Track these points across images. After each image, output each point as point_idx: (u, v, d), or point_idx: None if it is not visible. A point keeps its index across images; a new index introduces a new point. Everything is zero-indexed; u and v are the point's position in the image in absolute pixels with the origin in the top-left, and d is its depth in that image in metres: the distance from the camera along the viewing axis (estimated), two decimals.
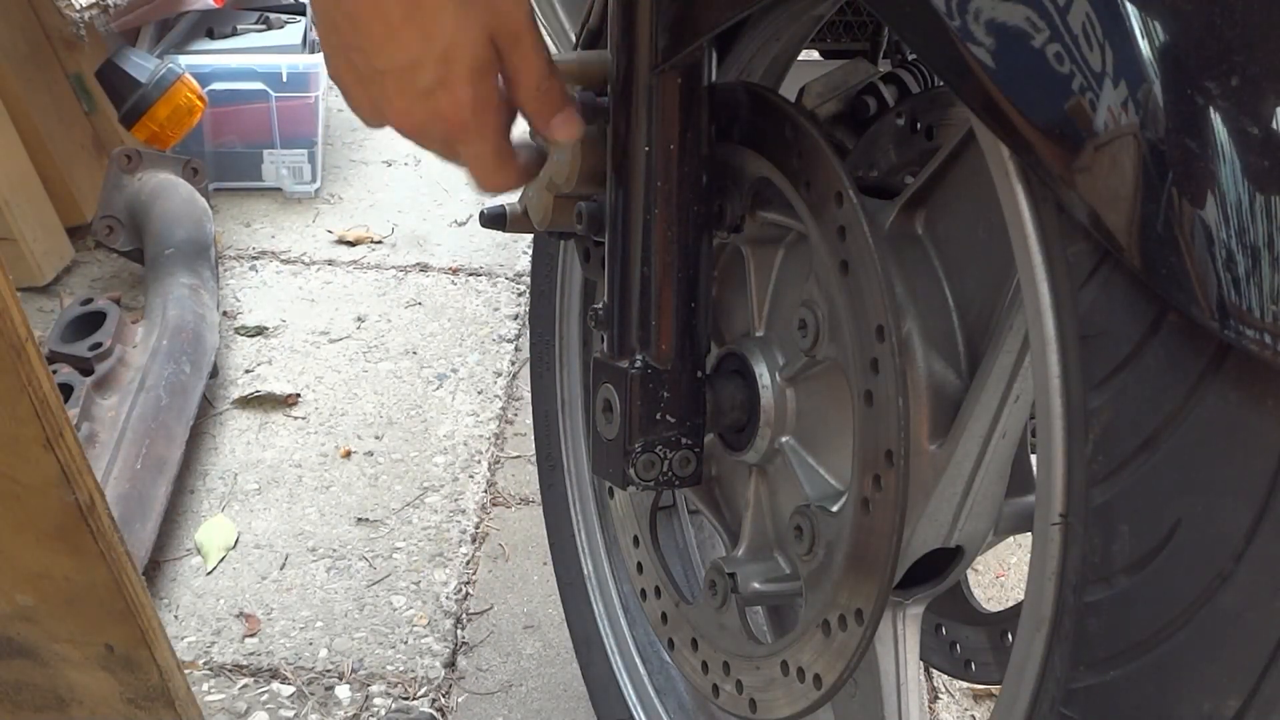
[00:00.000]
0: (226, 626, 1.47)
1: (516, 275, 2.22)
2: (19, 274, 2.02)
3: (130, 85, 2.09)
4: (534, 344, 1.30)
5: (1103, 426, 0.55)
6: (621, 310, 0.83)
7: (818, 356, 0.79)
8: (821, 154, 0.75)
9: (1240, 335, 0.50)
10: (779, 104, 0.79)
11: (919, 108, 0.83)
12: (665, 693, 1.18)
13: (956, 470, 0.75)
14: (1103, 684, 0.57)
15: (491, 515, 1.68)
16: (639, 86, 0.79)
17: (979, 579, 1.58)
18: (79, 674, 1.14)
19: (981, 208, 0.72)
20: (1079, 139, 0.52)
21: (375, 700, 1.37)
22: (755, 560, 0.90)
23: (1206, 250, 0.50)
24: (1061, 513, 0.58)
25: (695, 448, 0.84)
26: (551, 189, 0.87)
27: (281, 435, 1.81)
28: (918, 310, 0.76)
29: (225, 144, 2.40)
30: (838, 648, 0.78)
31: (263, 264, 2.23)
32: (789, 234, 0.84)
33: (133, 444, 1.56)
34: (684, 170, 0.80)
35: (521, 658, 1.45)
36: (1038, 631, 0.61)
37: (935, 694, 1.42)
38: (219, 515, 1.64)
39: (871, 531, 0.75)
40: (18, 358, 0.91)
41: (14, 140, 2.04)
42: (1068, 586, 0.58)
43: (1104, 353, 0.54)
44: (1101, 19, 0.51)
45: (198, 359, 1.77)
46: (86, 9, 2.05)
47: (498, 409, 1.88)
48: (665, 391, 0.82)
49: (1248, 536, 0.53)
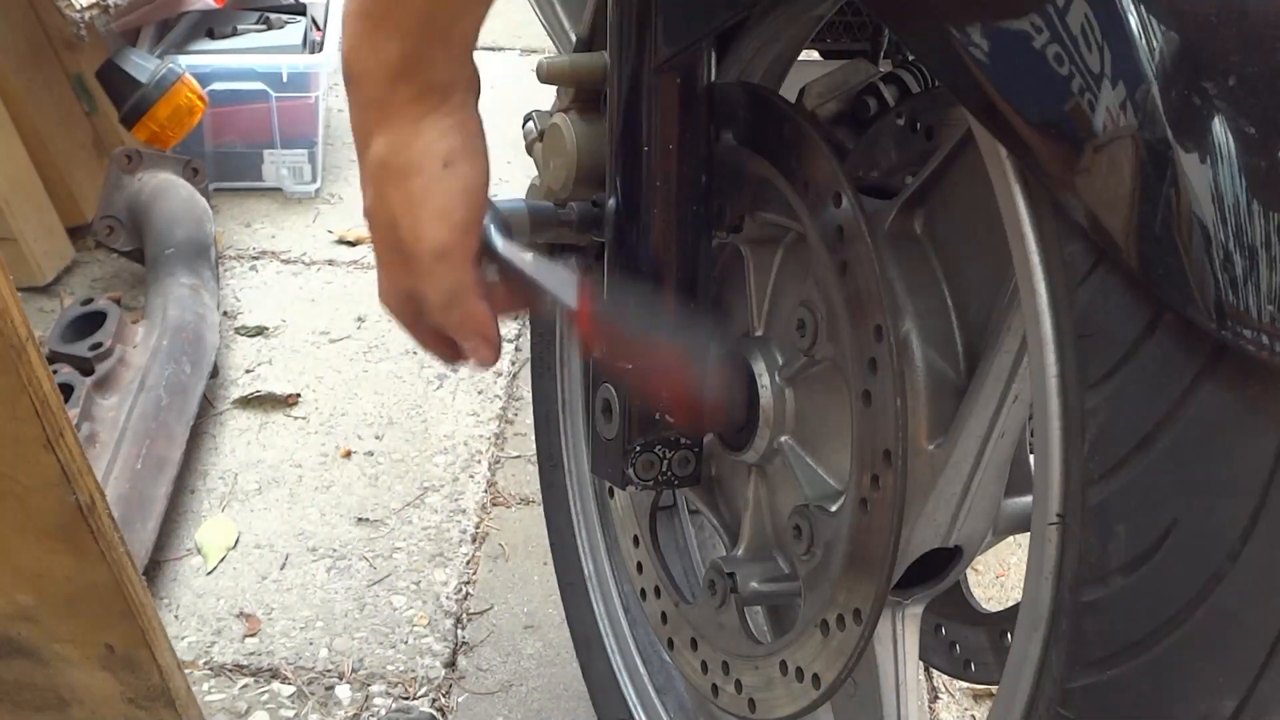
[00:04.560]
0: (227, 626, 1.47)
1: None
2: (19, 274, 2.02)
3: (130, 85, 2.09)
4: (535, 344, 1.30)
5: (1099, 426, 0.55)
6: None
7: (816, 356, 0.79)
8: (820, 154, 0.75)
9: (1237, 336, 0.50)
10: (778, 104, 0.79)
11: (919, 108, 0.83)
12: (665, 692, 1.19)
13: (955, 470, 0.75)
14: (1100, 684, 0.57)
15: (492, 515, 1.68)
16: (638, 87, 0.79)
17: (979, 579, 1.59)
18: (79, 674, 1.14)
19: (980, 208, 0.72)
20: (1078, 140, 0.52)
21: (375, 700, 1.37)
22: (754, 560, 0.90)
23: (1204, 251, 0.50)
24: (1059, 512, 0.58)
25: (694, 448, 0.84)
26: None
27: (281, 435, 1.81)
28: (916, 310, 0.76)
29: (225, 144, 2.40)
30: (836, 647, 0.78)
31: (263, 264, 2.23)
32: (788, 234, 0.84)
33: (133, 444, 1.56)
34: (683, 170, 0.80)
35: (522, 658, 1.45)
36: (1035, 631, 0.61)
37: (935, 694, 1.42)
38: (219, 515, 1.64)
39: (870, 531, 0.75)
40: (18, 358, 0.91)
41: (14, 140, 2.04)
42: (1065, 586, 0.58)
43: (1101, 353, 0.55)
44: (1100, 20, 0.51)
45: (198, 359, 1.77)
46: (86, 9, 2.05)
47: (498, 409, 1.88)
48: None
49: (1244, 536, 0.53)
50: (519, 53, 3.03)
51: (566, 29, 1.21)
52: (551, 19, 1.24)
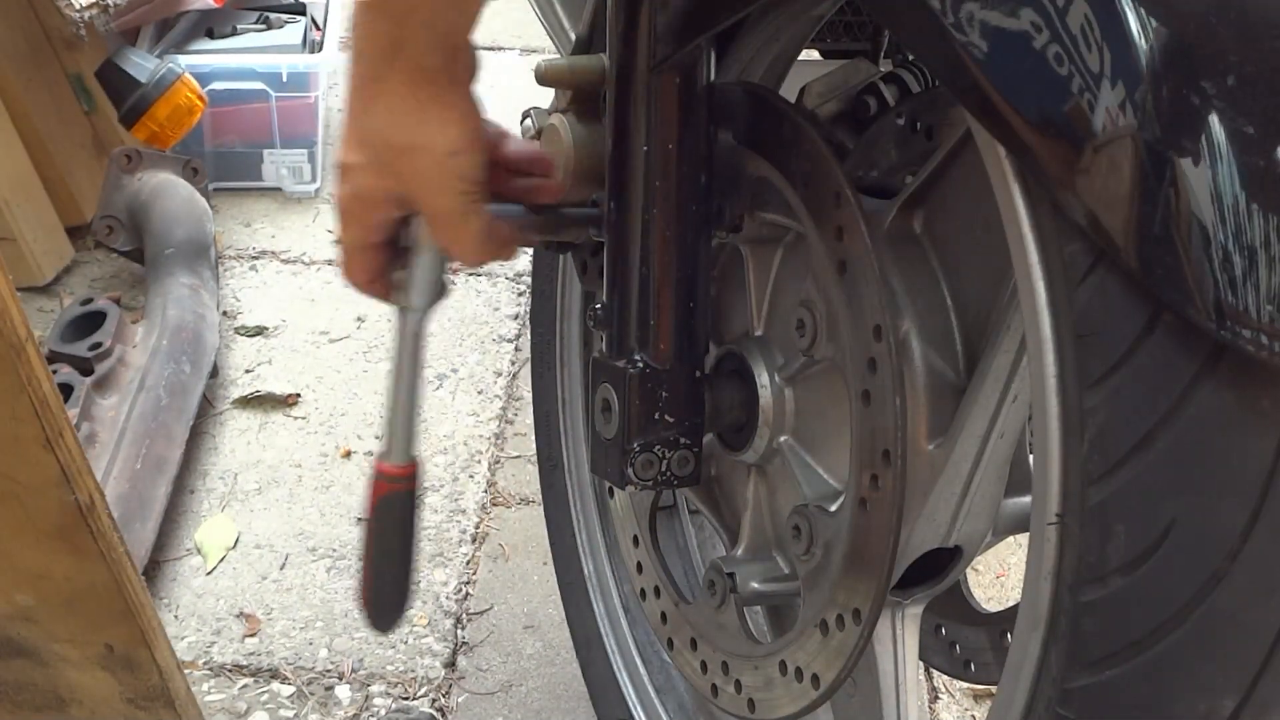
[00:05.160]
0: (226, 626, 1.47)
1: (516, 275, 2.22)
2: (19, 274, 2.02)
3: (130, 85, 2.09)
4: (535, 344, 1.30)
5: (1098, 426, 0.55)
6: (620, 310, 0.83)
7: (816, 356, 0.79)
8: (819, 154, 0.75)
9: (1236, 335, 0.50)
10: (777, 104, 0.79)
11: (919, 108, 0.83)
12: (665, 692, 1.19)
13: (954, 470, 0.75)
14: (1099, 683, 0.57)
15: (491, 515, 1.68)
16: (637, 86, 0.79)
17: (979, 579, 1.59)
18: (79, 674, 1.14)
19: (979, 207, 0.72)
20: (1077, 140, 0.52)
21: (375, 700, 1.37)
22: (754, 560, 0.90)
23: (1203, 251, 0.50)
24: (1058, 512, 0.58)
25: (694, 447, 0.84)
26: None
27: (281, 435, 1.81)
28: (915, 310, 0.76)
29: (225, 144, 2.40)
30: (836, 647, 0.78)
31: (263, 264, 2.23)
32: (788, 234, 0.84)
33: (133, 444, 1.56)
34: (682, 170, 0.80)
35: (521, 658, 1.45)
36: (1034, 631, 0.61)
37: (935, 694, 1.42)
38: (219, 515, 1.64)
39: (869, 531, 0.75)
40: (18, 358, 0.91)
41: (14, 140, 2.04)
42: (1064, 586, 0.58)
43: (1100, 352, 0.55)
44: (1100, 20, 0.51)
45: (198, 359, 1.77)
46: (86, 9, 2.05)
47: (498, 409, 1.88)
48: (664, 391, 0.82)
49: (1243, 536, 0.53)
50: (519, 52, 3.03)
51: (566, 29, 1.21)
52: (551, 19, 1.24)
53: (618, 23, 0.79)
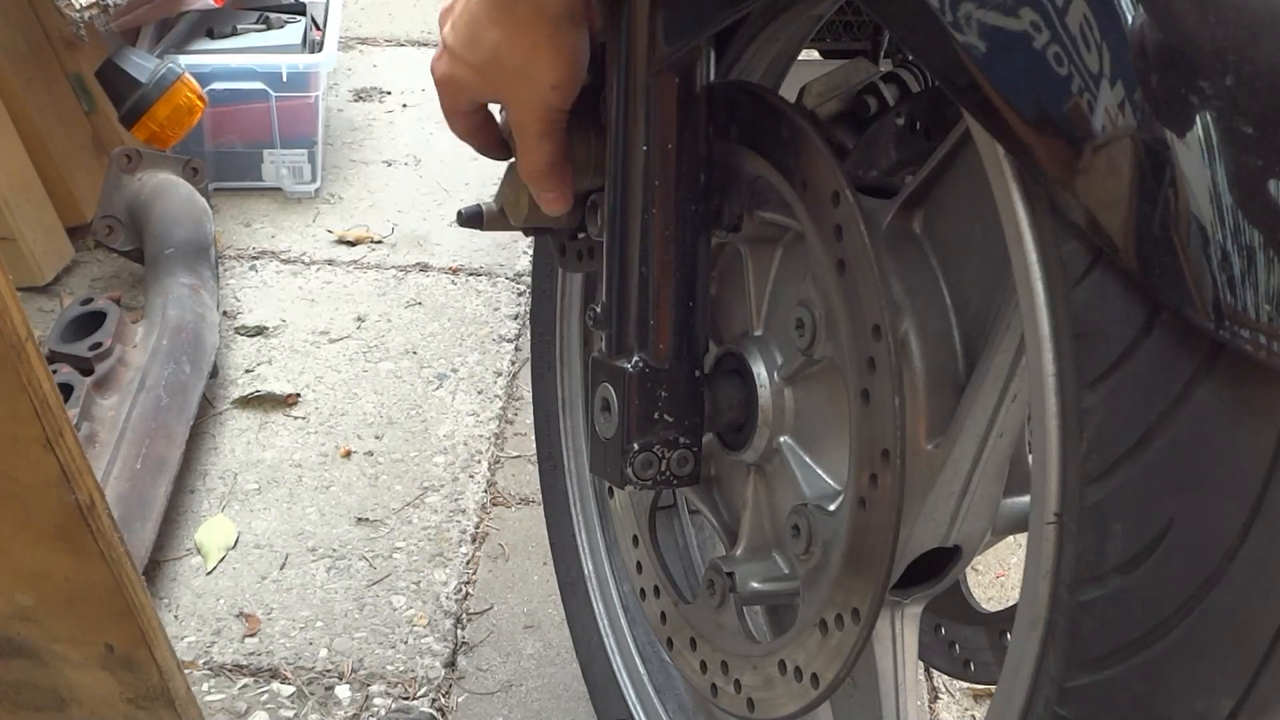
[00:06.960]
0: (226, 626, 1.47)
1: (517, 275, 2.22)
2: (19, 274, 2.02)
3: (130, 85, 2.09)
4: (535, 343, 1.30)
5: (1097, 425, 0.55)
6: (620, 310, 0.83)
7: (815, 356, 0.79)
8: (818, 153, 0.75)
9: (1235, 335, 0.50)
10: (776, 103, 0.79)
11: (919, 107, 0.84)
12: (665, 692, 1.19)
13: (954, 469, 0.75)
14: (1097, 683, 0.57)
15: (491, 515, 1.68)
16: (637, 86, 0.79)
17: (979, 579, 1.59)
18: (79, 674, 1.14)
19: (978, 207, 0.72)
20: (1076, 140, 0.52)
21: (375, 700, 1.37)
22: (753, 559, 0.90)
23: (1202, 251, 0.50)
24: (1056, 512, 0.58)
25: (693, 447, 0.84)
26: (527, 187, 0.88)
27: (281, 435, 1.81)
28: (915, 309, 0.76)
29: (225, 144, 2.40)
30: (835, 647, 0.78)
31: (263, 264, 2.23)
32: (787, 233, 0.84)
33: (133, 444, 1.56)
34: (682, 170, 0.80)
35: (521, 658, 1.46)
36: (1032, 630, 0.61)
37: (935, 694, 1.42)
38: (219, 515, 1.64)
39: (868, 531, 0.75)
40: (18, 357, 0.91)
41: (14, 140, 2.04)
42: (1062, 586, 0.58)
43: (1098, 352, 0.55)
44: (1099, 20, 0.51)
45: (198, 359, 1.77)
46: (86, 9, 2.05)
47: (498, 409, 1.88)
48: (663, 391, 0.83)
49: (1241, 536, 0.53)
50: None
51: None
52: None
53: (617, 22, 0.79)
